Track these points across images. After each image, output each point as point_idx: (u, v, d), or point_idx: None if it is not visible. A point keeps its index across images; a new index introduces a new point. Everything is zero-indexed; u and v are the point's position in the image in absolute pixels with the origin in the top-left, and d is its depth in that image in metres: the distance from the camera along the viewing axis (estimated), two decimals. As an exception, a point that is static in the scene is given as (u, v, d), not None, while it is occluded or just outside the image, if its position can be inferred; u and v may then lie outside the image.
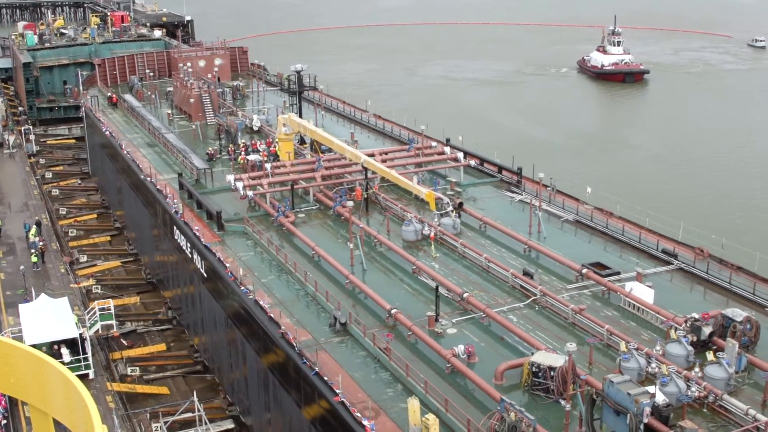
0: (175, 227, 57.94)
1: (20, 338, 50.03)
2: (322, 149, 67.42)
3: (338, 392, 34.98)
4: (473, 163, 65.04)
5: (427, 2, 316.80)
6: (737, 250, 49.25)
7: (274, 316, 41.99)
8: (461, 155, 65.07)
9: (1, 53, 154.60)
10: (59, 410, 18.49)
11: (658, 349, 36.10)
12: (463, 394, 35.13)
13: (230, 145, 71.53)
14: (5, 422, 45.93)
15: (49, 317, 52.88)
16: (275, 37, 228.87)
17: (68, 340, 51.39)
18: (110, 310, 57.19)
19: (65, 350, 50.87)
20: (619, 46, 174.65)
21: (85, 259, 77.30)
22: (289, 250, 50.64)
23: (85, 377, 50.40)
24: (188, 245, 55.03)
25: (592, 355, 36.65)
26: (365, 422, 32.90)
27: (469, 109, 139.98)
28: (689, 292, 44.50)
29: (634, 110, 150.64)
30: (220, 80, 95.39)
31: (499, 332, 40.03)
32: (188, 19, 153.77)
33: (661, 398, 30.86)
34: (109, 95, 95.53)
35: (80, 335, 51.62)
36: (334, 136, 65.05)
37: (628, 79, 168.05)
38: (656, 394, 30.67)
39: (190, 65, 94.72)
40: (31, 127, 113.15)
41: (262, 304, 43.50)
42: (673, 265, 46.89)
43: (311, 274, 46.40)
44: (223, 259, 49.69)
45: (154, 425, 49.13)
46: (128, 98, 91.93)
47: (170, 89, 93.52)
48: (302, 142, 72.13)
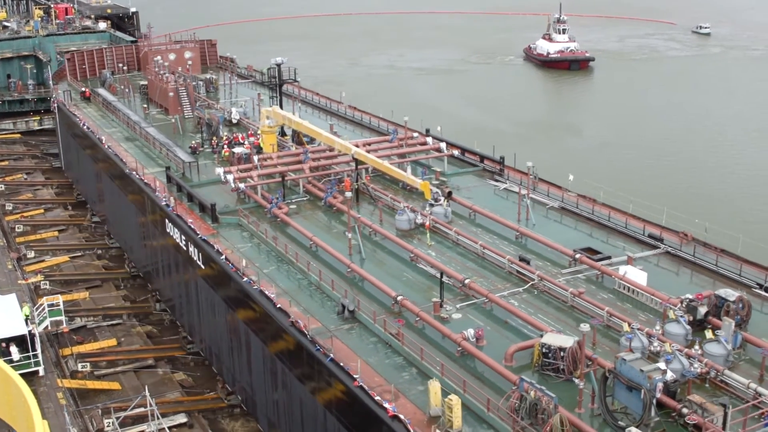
0: (167, 220, 58.37)
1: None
2: (305, 140, 68.32)
3: (356, 377, 36.12)
4: (456, 153, 66.46)
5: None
6: (718, 233, 51.32)
7: (282, 305, 42.98)
8: (444, 145, 66.49)
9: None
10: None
11: (657, 329, 37.90)
12: (475, 375, 36.50)
13: (212, 138, 71.98)
14: None
15: (-3, 314, 52.38)
16: (221, 28, 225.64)
17: (17, 337, 50.92)
18: (59, 306, 56.04)
19: (14, 348, 50.47)
20: (564, 33, 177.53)
21: (32, 255, 76.63)
22: (286, 240, 51.48)
23: (35, 374, 50.14)
24: (183, 238, 55.55)
25: (595, 336, 38.35)
26: (386, 405, 34.12)
27: (415, 98, 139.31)
28: (677, 274, 46.46)
29: (579, 97, 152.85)
30: (191, 73, 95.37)
31: (501, 316, 41.53)
32: (133, 10, 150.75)
33: (669, 374, 32.60)
34: (82, 90, 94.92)
35: (29, 332, 51.13)
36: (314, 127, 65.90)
37: (573, 66, 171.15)
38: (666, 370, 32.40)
39: (161, 59, 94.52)
40: None
41: (268, 293, 44.43)
42: (659, 249, 48.87)
43: (314, 263, 47.44)
44: (221, 250, 50.44)
45: (106, 421, 48.93)
46: (102, 92, 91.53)
47: (143, 83, 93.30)
48: (283, 134, 72.85)
